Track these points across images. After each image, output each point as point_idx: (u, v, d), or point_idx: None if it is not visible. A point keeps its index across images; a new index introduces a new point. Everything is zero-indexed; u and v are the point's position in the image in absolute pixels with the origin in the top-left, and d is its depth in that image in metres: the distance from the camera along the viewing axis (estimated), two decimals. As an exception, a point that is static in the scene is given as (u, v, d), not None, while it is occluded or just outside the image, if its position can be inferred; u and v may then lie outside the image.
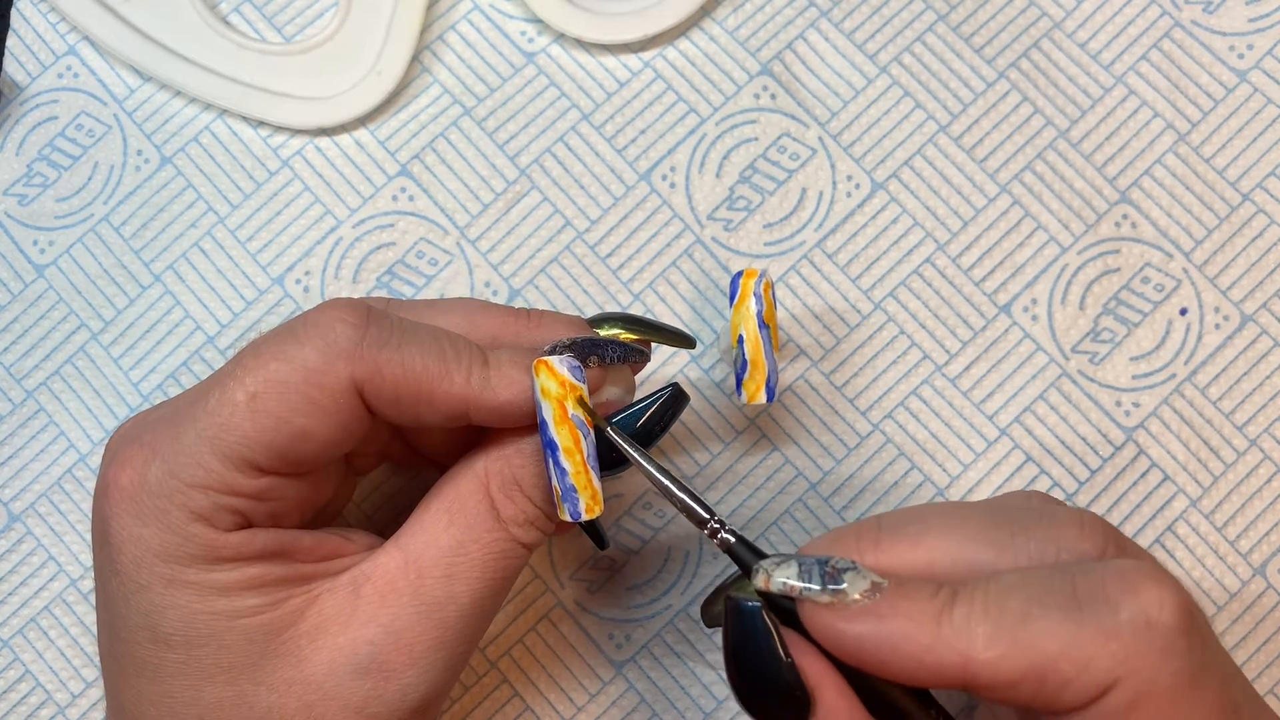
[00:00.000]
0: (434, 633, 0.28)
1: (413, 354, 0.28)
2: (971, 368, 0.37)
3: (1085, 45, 0.39)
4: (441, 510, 0.29)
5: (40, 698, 0.36)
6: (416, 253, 0.38)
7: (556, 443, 0.28)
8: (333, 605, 0.28)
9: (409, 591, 0.28)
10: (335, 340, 0.27)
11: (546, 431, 0.28)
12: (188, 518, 0.27)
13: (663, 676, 0.36)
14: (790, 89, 0.39)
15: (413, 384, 0.27)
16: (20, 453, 0.37)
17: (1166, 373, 0.37)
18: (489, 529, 0.28)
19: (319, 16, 0.40)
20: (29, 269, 0.38)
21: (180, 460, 0.27)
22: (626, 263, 0.38)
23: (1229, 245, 0.38)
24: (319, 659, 0.27)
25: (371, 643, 0.27)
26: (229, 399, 0.27)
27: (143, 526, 0.27)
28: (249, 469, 0.27)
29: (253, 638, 0.27)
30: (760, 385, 0.34)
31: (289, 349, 0.27)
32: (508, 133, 0.39)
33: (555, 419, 0.28)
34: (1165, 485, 0.36)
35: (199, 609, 0.27)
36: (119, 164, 0.39)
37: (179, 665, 0.27)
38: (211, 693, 0.27)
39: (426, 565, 0.28)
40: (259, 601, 0.27)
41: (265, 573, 0.27)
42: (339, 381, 0.27)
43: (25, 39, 0.40)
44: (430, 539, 0.28)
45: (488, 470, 0.29)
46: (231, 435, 0.27)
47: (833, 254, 0.38)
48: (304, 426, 0.27)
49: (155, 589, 0.27)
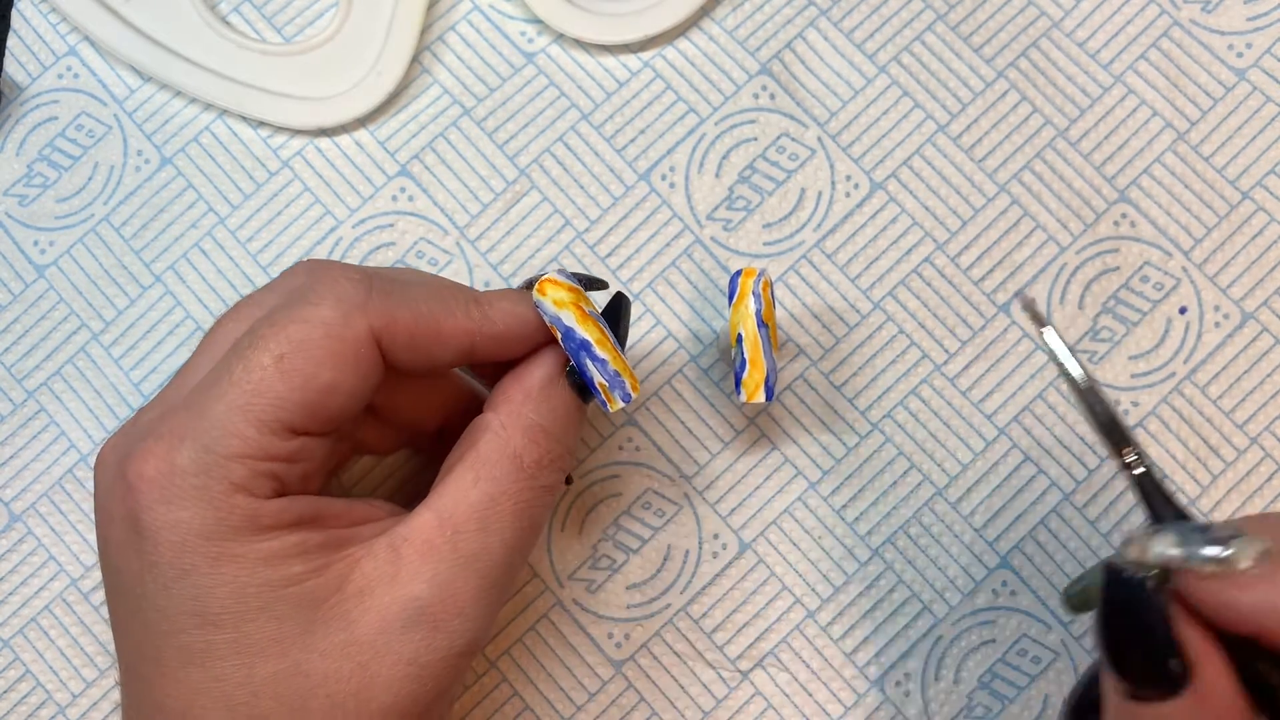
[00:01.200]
0: (475, 582, 0.29)
1: (417, 299, 0.29)
2: (970, 367, 0.37)
3: (1084, 44, 0.39)
4: (466, 469, 0.30)
5: (41, 697, 0.36)
6: (416, 253, 0.38)
7: (588, 339, 0.30)
8: (374, 568, 0.28)
9: (447, 548, 0.29)
10: (347, 295, 0.29)
11: (575, 336, 0.30)
12: (229, 489, 0.27)
13: (663, 676, 0.36)
14: (789, 89, 0.39)
15: (423, 325, 0.29)
16: (21, 453, 0.38)
17: (1166, 371, 0.37)
18: (514, 480, 0.30)
19: (319, 17, 0.40)
20: (29, 269, 0.38)
21: (214, 435, 0.27)
22: (626, 262, 0.38)
23: (1228, 244, 0.38)
24: (368, 620, 0.28)
25: (418, 598, 0.28)
26: (256, 364, 0.28)
27: (180, 509, 0.27)
28: (284, 431, 0.28)
29: (301, 605, 0.28)
30: (759, 384, 0.34)
31: (305, 310, 0.28)
32: (507, 133, 0.39)
33: (578, 319, 0.30)
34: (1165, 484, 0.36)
35: (247, 581, 0.27)
36: (119, 164, 0.39)
37: (230, 645, 0.27)
38: (265, 668, 0.27)
39: (460, 521, 0.29)
40: (303, 568, 0.28)
41: (306, 539, 0.28)
42: (358, 332, 0.28)
43: (26, 39, 0.40)
44: (460, 496, 0.29)
45: (504, 424, 0.30)
46: (264, 398, 0.27)
47: (832, 254, 0.38)
48: (332, 379, 0.28)
49: (202, 570, 0.27)
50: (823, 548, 0.36)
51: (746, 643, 0.36)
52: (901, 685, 0.36)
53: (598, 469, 0.37)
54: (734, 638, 0.36)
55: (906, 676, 0.36)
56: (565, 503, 0.37)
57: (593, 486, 0.37)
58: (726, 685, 0.36)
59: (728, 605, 0.36)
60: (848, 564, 0.36)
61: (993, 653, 0.36)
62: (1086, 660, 0.36)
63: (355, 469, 0.37)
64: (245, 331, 0.29)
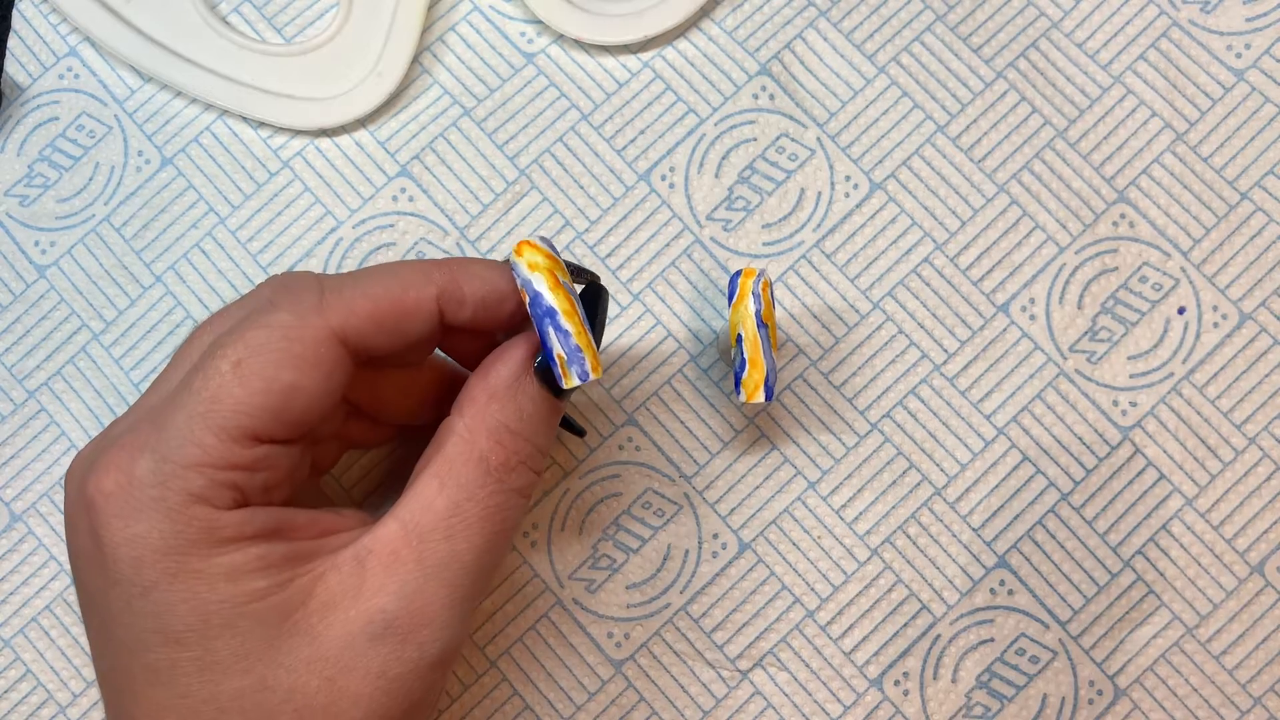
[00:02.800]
0: (443, 592, 0.28)
1: (371, 284, 0.29)
2: (969, 367, 0.37)
3: (1083, 45, 0.39)
4: (431, 476, 0.29)
5: (41, 697, 0.36)
6: (416, 253, 0.38)
7: (555, 308, 0.29)
8: (339, 581, 0.28)
9: (412, 558, 0.28)
10: (302, 298, 0.28)
11: (541, 302, 0.29)
12: (186, 500, 0.27)
13: (662, 676, 0.36)
14: (789, 89, 0.39)
15: (383, 305, 0.29)
16: (21, 453, 0.38)
17: (1164, 371, 0.37)
18: (481, 484, 0.29)
19: (319, 17, 0.40)
20: (30, 269, 0.39)
21: (172, 444, 0.27)
22: (626, 263, 0.38)
23: (1227, 244, 0.38)
24: (333, 634, 0.28)
25: (384, 610, 0.28)
26: (214, 372, 0.27)
27: (138, 523, 0.27)
28: (244, 438, 0.27)
29: (265, 621, 0.27)
30: (759, 384, 0.34)
31: (262, 317, 0.28)
32: (507, 133, 0.39)
33: (550, 285, 0.29)
34: (1161, 484, 0.36)
35: (209, 598, 0.27)
36: (120, 165, 0.39)
37: (194, 662, 0.27)
38: (230, 684, 0.27)
39: (426, 530, 0.28)
40: (266, 584, 0.27)
41: (268, 552, 0.27)
42: (316, 332, 0.28)
43: (26, 40, 0.40)
44: (425, 504, 0.29)
45: (469, 427, 0.29)
46: (223, 405, 0.27)
47: (831, 254, 0.38)
48: (292, 381, 0.28)
49: (161, 587, 0.27)
50: (822, 547, 0.37)
51: (746, 642, 0.36)
52: (900, 684, 0.36)
53: (598, 469, 0.37)
54: (733, 637, 0.36)
55: (905, 675, 0.36)
56: (565, 503, 0.37)
57: (593, 486, 0.37)
58: (726, 685, 0.36)
59: (727, 605, 0.36)
60: (847, 563, 0.36)
61: (991, 652, 0.36)
62: (1085, 659, 0.36)
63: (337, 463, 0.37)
64: (209, 344, 0.29)
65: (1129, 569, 0.36)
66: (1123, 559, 0.36)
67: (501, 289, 0.30)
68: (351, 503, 0.37)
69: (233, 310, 0.30)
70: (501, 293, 0.30)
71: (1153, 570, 0.36)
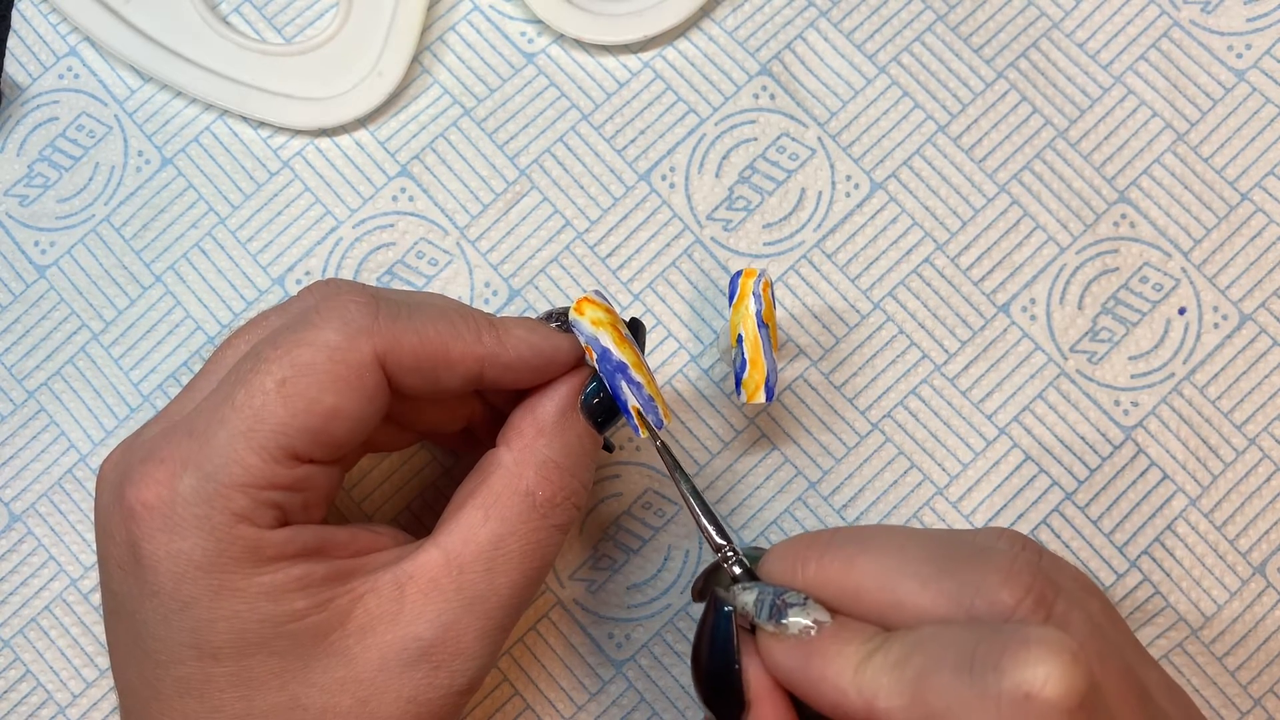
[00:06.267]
0: (479, 623, 0.29)
1: (424, 322, 0.29)
2: (970, 367, 0.37)
3: (1084, 45, 0.39)
4: (477, 507, 0.29)
5: (41, 697, 0.36)
6: (416, 253, 0.38)
7: (624, 362, 0.30)
8: (378, 605, 0.28)
9: (452, 588, 0.28)
10: (352, 319, 0.28)
11: (611, 358, 0.30)
12: (231, 520, 0.27)
13: (663, 676, 0.36)
14: (789, 89, 0.39)
15: (429, 349, 0.28)
16: (21, 453, 0.38)
17: (1165, 372, 0.37)
18: (525, 520, 0.29)
19: (319, 17, 0.40)
20: (30, 269, 0.38)
21: (216, 463, 0.27)
22: (626, 263, 0.38)
23: (1227, 244, 0.38)
24: (369, 657, 0.28)
25: (420, 638, 0.28)
26: (259, 389, 0.27)
27: (181, 540, 0.27)
28: (286, 459, 0.27)
29: (302, 640, 0.27)
30: (759, 384, 0.34)
31: (308, 334, 0.28)
32: (507, 133, 0.39)
33: (615, 341, 0.30)
34: (1164, 484, 0.36)
35: (249, 616, 0.27)
36: (120, 164, 0.39)
37: (229, 677, 0.27)
38: (263, 700, 0.27)
39: (467, 561, 0.29)
40: (306, 604, 0.27)
41: (309, 572, 0.27)
42: (362, 356, 0.28)
43: (26, 40, 0.40)
44: (468, 535, 0.29)
45: (517, 461, 0.30)
46: (267, 425, 0.27)
47: (832, 254, 0.38)
48: (335, 404, 0.27)
49: (203, 603, 0.27)
50: (823, 548, 0.36)
51: (747, 643, 0.36)
52: (901, 685, 0.36)
53: (598, 469, 0.37)
54: (734, 638, 0.36)
55: (906, 676, 0.36)
56: (565, 503, 0.37)
57: (593, 486, 0.37)
58: (727, 685, 0.36)
59: (728, 605, 0.36)
60: (848, 564, 0.36)
61: (993, 652, 0.36)
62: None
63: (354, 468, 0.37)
64: (248, 353, 0.28)
65: (1135, 569, 0.36)
66: (1129, 559, 0.36)
67: (543, 355, 0.30)
68: (350, 500, 0.37)
69: (271, 317, 0.30)
70: (543, 359, 0.30)
71: (1159, 570, 0.36)
